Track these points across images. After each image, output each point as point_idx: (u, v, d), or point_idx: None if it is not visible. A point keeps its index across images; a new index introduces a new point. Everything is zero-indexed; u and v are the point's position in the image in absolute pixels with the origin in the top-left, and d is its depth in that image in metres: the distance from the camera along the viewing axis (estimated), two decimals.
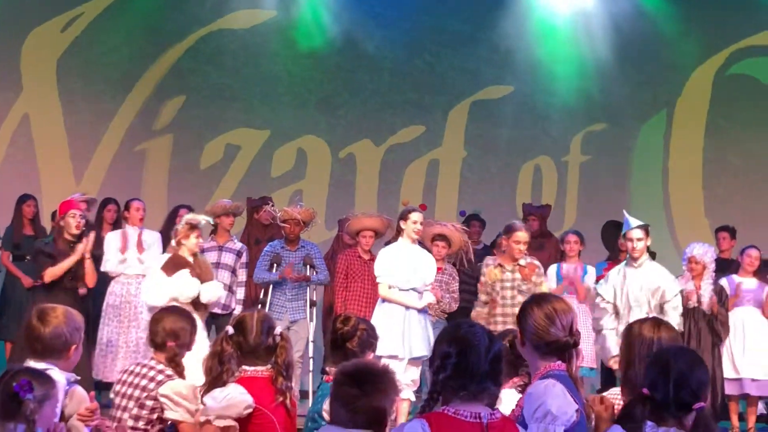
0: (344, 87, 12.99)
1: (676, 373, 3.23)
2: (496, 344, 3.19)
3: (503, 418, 3.16)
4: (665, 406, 3.24)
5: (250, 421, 4.07)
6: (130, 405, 4.32)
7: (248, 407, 4.04)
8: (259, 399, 4.07)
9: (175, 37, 12.74)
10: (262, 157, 12.77)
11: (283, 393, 4.08)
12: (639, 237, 7.64)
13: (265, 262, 8.99)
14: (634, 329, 3.78)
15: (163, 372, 4.38)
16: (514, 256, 7.94)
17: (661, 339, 3.71)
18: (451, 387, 3.12)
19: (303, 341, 8.89)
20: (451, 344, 3.16)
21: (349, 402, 3.26)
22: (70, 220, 8.02)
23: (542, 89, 12.98)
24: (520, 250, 7.94)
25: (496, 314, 7.85)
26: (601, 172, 12.83)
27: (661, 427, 3.22)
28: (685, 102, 12.88)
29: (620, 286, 7.66)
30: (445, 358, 3.13)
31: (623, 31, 12.78)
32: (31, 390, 3.33)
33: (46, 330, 3.96)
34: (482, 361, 3.11)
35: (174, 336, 4.49)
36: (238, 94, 12.83)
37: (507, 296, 7.88)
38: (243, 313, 4.31)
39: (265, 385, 4.11)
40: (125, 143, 12.47)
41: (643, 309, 7.40)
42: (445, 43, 13.05)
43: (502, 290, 7.90)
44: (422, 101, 13.00)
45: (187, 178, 12.44)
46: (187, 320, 4.63)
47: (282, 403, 4.09)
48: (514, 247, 7.91)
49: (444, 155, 13.01)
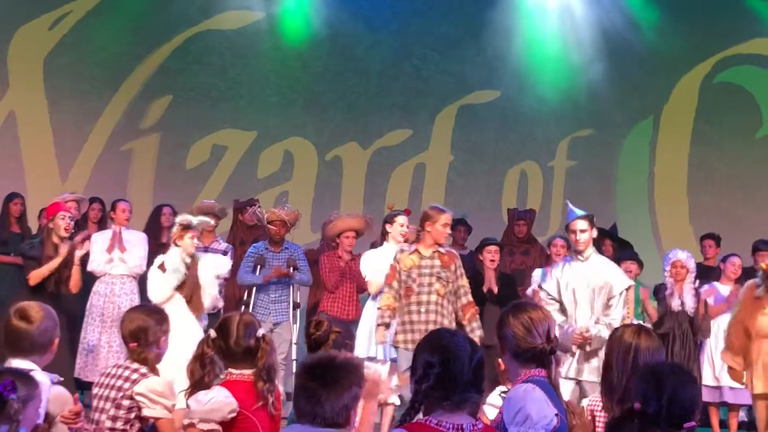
0: (332, 89, 12.99)
1: (669, 390, 3.23)
2: (478, 352, 3.17)
3: (486, 428, 3.13)
4: (656, 422, 3.24)
5: (233, 425, 4.07)
6: (107, 406, 4.31)
7: (232, 411, 4.04)
8: (243, 402, 4.07)
9: (162, 36, 12.73)
10: (249, 158, 12.77)
11: (263, 397, 4.08)
12: (583, 228, 7.07)
13: (248, 263, 8.99)
14: (616, 334, 3.80)
15: (137, 371, 4.37)
16: (440, 240, 7.54)
17: (640, 345, 3.73)
18: (434, 397, 3.09)
19: (286, 343, 8.89)
20: (433, 353, 3.13)
21: (310, 396, 3.26)
22: (60, 221, 7.99)
23: (529, 94, 13.00)
24: (447, 234, 7.68)
25: (411, 302, 7.43)
26: (587, 178, 12.86)
27: None
28: (672, 109, 12.93)
29: (565, 281, 7.10)
30: (428, 368, 3.10)
31: (611, 38, 12.82)
32: (14, 390, 3.31)
33: (32, 327, 4.00)
34: (465, 370, 3.08)
35: (133, 337, 4.46)
36: (225, 95, 12.83)
37: (424, 283, 7.44)
38: (226, 316, 4.30)
39: (249, 389, 4.11)
40: (112, 142, 12.45)
41: (590, 306, 7.00)
42: (433, 46, 13.07)
43: (420, 277, 7.45)
44: (409, 105, 13.01)
45: (173, 178, 12.43)
46: (148, 318, 4.50)
47: (264, 406, 4.09)
48: (441, 230, 7.48)
49: (430, 159, 13.02)
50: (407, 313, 7.45)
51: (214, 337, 4.17)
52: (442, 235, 7.50)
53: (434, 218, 7.44)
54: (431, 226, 7.43)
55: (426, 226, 7.46)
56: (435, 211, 7.53)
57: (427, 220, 7.47)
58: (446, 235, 7.59)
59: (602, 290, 7.03)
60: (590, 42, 12.89)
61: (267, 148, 12.81)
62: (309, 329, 4.64)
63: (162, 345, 4.53)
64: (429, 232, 7.46)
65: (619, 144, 13.01)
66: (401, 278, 7.51)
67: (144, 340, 4.44)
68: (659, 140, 12.95)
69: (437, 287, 7.42)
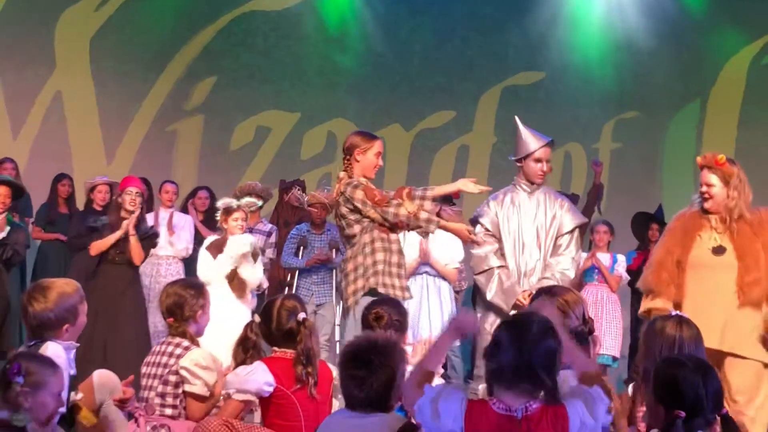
0: (374, 71, 12.97)
1: (711, 383, 3.22)
2: (549, 339, 3.11)
3: (543, 408, 3.04)
4: (695, 421, 3.21)
5: (271, 400, 4.12)
6: (154, 384, 4.36)
7: (268, 384, 4.08)
8: (282, 380, 4.11)
9: (206, 18, 12.77)
10: (293, 139, 12.79)
11: (300, 380, 4.10)
12: (549, 158, 6.41)
13: (291, 245, 9.03)
14: (656, 326, 3.77)
15: (180, 345, 4.40)
16: (370, 174, 5.92)
17: (684, 337, 3.70)
18: (498, 378, 3.07)
19: (329, 325, 8.92)
20: (503, 333, 3.11)
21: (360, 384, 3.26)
22: (126, 197, 8.08)
23: (573, 76, 12.90)
24: (379, 165, 5.98)
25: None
26: (632, 160, 12.75)
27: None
28: (719, 92, 12.76)
29: (505, 216, 6.34)
30: (496, 346, 3.09)
31: (657, 19, 12.67)
32: (19, 374, 3.27)
33: (37, 308, 3.97)
34: (529, 357, 3.04)
35: (170, 312, 4.48)
36: (268, 76, 12.85)
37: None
38: (270, 300, 4.34)
39: (289, 367, 4.15)
40: (156, 124, 12.53)
41: (537, 248, 6.30)
42: (476, 28, 12.99)
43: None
44: (452, 86, 12.95)
45: (217, 160, 12.49)
46: (183, 293, 4.50)
47: (302, 388, 4.12)
48: (372, 160, 5.87)
49: (474, 141, 12.97)
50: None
51: (258, 322, 4.22)
52: (373, 165, 5.91)
53: (364, 145, 5.89)
54: (362, 154, 5.86)
55: (356, 154, 5.85)
56: (364, 136, 5.97)
57: (356, 147, 5.87)
58: (377, 166, 5.94)
59: (550, 229, 6.36)
60: (636, 23, 12.74)
61: (310, 129, 12.83)
62: (369, 321, 4.63)
63: (200, 319, 4.52)
64: (358, 162, 5.86)
65: (665, 127, 12.87)
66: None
67: (180, 315, 4.46)
68: (706, 123, 12.80)
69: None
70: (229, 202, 7.76)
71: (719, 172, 5.46)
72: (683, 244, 5.38)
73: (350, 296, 5.66)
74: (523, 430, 2.99)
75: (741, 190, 5.44)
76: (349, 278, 5.72)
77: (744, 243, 5.28)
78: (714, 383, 3.24)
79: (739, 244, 5.28)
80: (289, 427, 4.12)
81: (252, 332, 4.23)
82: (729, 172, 5.45)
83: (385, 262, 5.69)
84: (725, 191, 5.43)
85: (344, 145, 5.93)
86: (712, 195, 5.44)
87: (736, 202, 5.39)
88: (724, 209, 5.41)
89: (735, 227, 5.34)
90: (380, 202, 5.71)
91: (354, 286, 5.67)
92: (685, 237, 5.41)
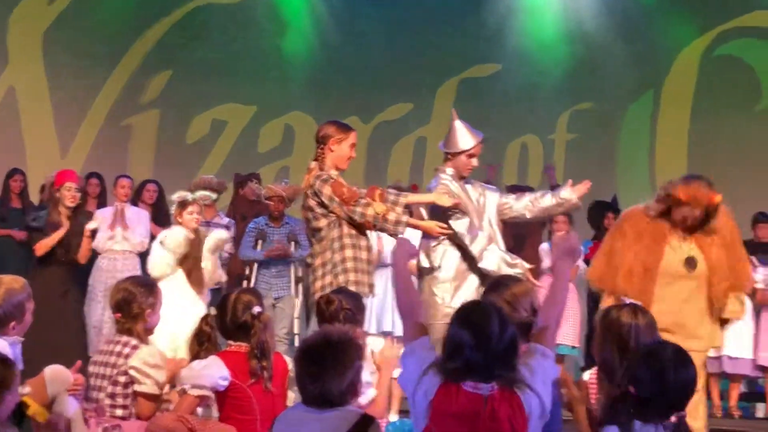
0: (332, 64, 12.96)
1: (668, 376, 3.28)
2: (509, 328, 3.18)
3: (502, 390, 3.13)
4: (648, 406, 3.28)
5: (227, 395, 4.12)
6: (104, 384, 4.32)
7: (223, 378, 4.07)
8: (237, 374, 4.12)
9: (162, 11, 12.69)
10: (249, 132, 12.76)
11: (255, 374, 4.11)
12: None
13: (249, 238, 9.00)
14: (611, 316, 3.81)
15: (128, 344, 4.36)
16: (343, 165, 5.86)
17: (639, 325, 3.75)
18: (462, 373, 3.14)
19: (288, 318, 8.90)
20: (463, 330, 3.16)
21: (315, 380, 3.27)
22: (65, 193, 8.01)
23: (530, 68, 12.97)
24: (353, 157, 5.92)
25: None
26: (588, 151, 12.85)
27: (649, 425, 3.26)
28: (672, 83, 12.89)
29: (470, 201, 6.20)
30: (457, 347, 3.14)
31: (612, 11, 12.77)
32: None
33: None
34: (496, 357, 3.12)
35: (118, 308, 4.44)
36: (225, 70, 12.79)
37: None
38: (226, 293, 4.34)
39: (244, 361, 4.15)
40: (111, 118, 12.45)
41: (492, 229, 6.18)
42: (434, 20, 13.01)
43: None
44: (410, 79, 12.97)
45: (173, 154, 12.44)
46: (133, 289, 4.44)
47: (257, 382, 4.13)
48: (347, 152, 5.80)
49: (432, 133, 13.00)
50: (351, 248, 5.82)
51: (213, 315, 4.22)
52: (347, 156, 5.82)
53: (339, 135, 5.77)
54: (336, 144, 5.76)
55: (331, 144, 5.75)
56: (339, 126, 5.85)
57: (331, 137, 5.76)
58: (351, 158, 5.83)
59: (485, 211, 6.26)
60: (590, 15, 12.84)
61: (267, 122, 12.81)
62: (320, 306, 4.65)
63: (149, 318, 4.45)
64: (332, 152, 5.77)
65: (620, 117, 12.99)
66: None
67: (128, 312, 4.40)
68: (660, 114, 12.93)
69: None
70: (183, 195, 7.71)
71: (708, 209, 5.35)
72: (653, 251, 5.29)
73: (318, 291, 5.57)
74: (487, 409, 3.08)
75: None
76: (317, 273, 5.68)
77: (713, 253, 5.31)
78: (687, 378, 3.32)
79: (708, 255, 5.31)
80: (245, 421, 4.13)
81: (207, 325, 4.23)
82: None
83: (355, 259, 5.66)
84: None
85: (318, 134, 5.83)
86: (692, 225, 5.35)
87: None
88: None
89: (703, 239, 5.36)
90: (348, 200, 5.62)
91: (322, 281, 5.63)
92: (654, 245, 5.32)
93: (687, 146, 12.71)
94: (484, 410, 3.08)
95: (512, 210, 6.37)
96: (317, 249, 5.72)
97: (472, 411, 3.09)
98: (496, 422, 3.08)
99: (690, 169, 12.59)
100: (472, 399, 3.09)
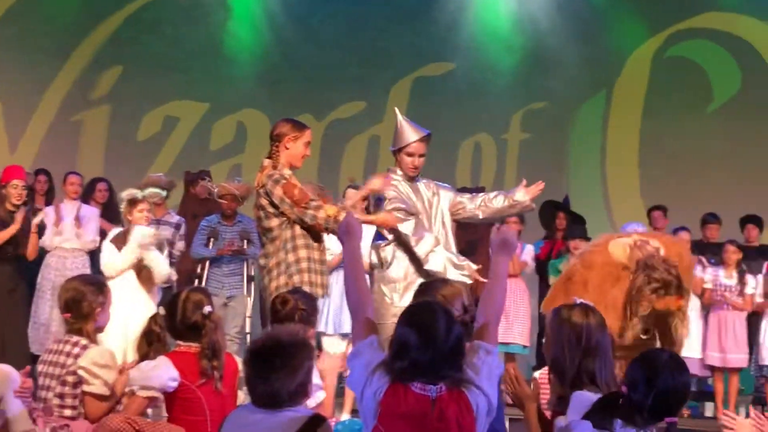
0: (286, 61, 12.91)
1: (661, 382, 3.29)
2: (455, 328, 3.17)
3: (450, 391, 3.12)
4: (639, 409, 3.28)
5: (176, 396, 4.08)
6: (53, 384, 4.27)
7: (173, 380, 4.03)
8: (186, 374, 4.07)
9: (114, 5, 12.58)
10: (201, 130, 12.68)
11: (205, 374, 4.07)
12: (423, 153, 6.31)
13: (201, 236, 8.94)
14: (563, 315, 3.82)
15: (78, 344, 4.31)
16: (297, 163, 5.78)
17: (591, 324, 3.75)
18: (409, 376, 3.12)
19: (241, 317, 8.86)
20: (410, 330, 3.14)
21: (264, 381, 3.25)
22: (12, 190, 7.92)
23: (483, 67, 13.01)
24: (307, 156, 5.87)
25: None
26: (540, 151, 12.91)
27: (629, 428, 3.26)
28: (624, 83, 12.99)
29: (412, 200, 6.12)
30: (403, 347, 3.13)
31: (565, 11, 12.84)
32: None
33: None
34: (442, 356, 3.11)
35: (67, 308, 4.40)
36: (177, 66, 12.69)
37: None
38: (175, 293, 4.30)
39: (194, 362, 4.11)
40: (61, 113, 12.32)
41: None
42: (389, 18, 13.01)
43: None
44: (364, 77, 12.96)
45: (124, 150, 12.32)
46: (83, 288, 4.41)
47: (208, 382, 4.09)
48: (302, 150, 5.74)
49: (385, 132, 12.98)
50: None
51: (162, 315, 4.17)
52: (301, 155, 5.74)
53: (294, 134, 5.71)
54: (292, 142, 5.69)
55: (287, 142, 5.67)
56: (294, 124, 5.78)
57: (286, 135, 5.69)
58: (305, 156, 5.78)
59: (437, 212, 6.21)
60: (544, 15, 12.90)
61: (220, 119, 12.72)
62: (275, 306, 4.62)
63: (99, 317, 4.42)
64: (287, 150, 5.70)
65: (573, 117, 13.06)
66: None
67: (78, 311, 4.36)
68: (611, 114, 13.02)
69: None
70: (133, 193, 7.64)
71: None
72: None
73: (273, 292, 5.50)
74: (435, 411, 3.07)
75: None
76: (272, 274, 5.62)
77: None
78: (681, 385, 3.33)
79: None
80: (195, 422, 4.09)
81: (156, 324, 4.18)
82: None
83: (309, 260, 5.62)
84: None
85: (272, 131, 5.77)
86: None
87: None
88: None
89: None
90: (299, 202, 5.55)
91: (277, 282, 5.57)
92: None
93: (638, 146, 12.82)
94: (432, 411, 3.07)
95: (465, 210, 6.37)
96: (270, 249, 5.67)
97: (420, 412, 3.08)
98: (444, 422, 3.08)
99: (641, 168, 12.74)
100: (420, 400, 3.08)
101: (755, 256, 9.46)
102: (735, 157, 12.22)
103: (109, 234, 7.77)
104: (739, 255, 8.92)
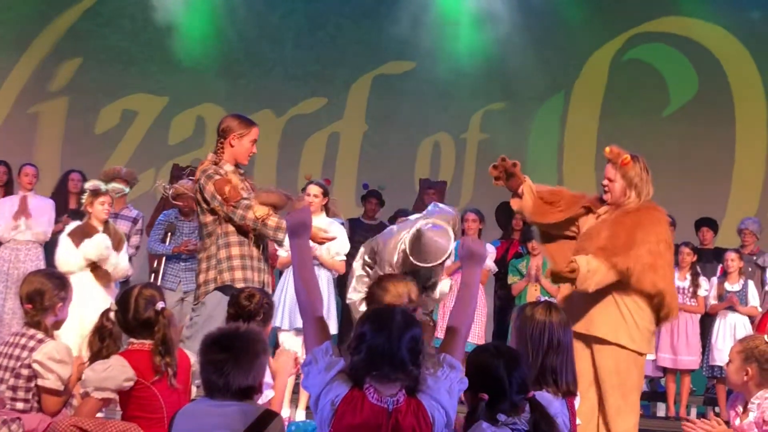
0: (246, 56, 12.88)
1: (501, 376, 3.33)
2: (414, 328, 3.16)
3: (407, 400, 3.11)
4: (497, 407, 3.31)
5: (131, 394, 4.05)
6: (6, 376, 4.26)
7: (128, 380, 4.01)
8: (141, 372, 4.05)
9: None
10: (160, 123, 12.61)
11: (159, 371, 4.05)
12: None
13: (158, 232, 8.88)
14: (526, 313, 3.87)
15: (34, 337, 4.30)
16: (243, 160, 5.79)
17: (553, 322, 3.81)
18: (365, 369, 3.11)
19: None
20: (367, 323, 3.15)
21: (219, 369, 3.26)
22: None
23: (444, 66, 13.03)
24: (254, 153, 5.86)
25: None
26: (499, 151, 12.80)
27: (493, 427, 3.28)
28: (582, 85, 13.09)
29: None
30: (360, 338, 3.12)
31: (525, 13, 12.90)
32: None
33: None
34: (396, 346, 3.09)
35: (29, 299, 4.39)
36: (136, 59, 12.62)
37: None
38: (127, 288, 4.28)
39: (147, 358, 4.09)
40: (18, 105, 12.22)
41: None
42: (349, 15, 13.02)
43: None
44: (324, 73, 12.96)
45: (82, 143, 12.23)
46: (47, 282, 4.43)
47: (162, 378, 4.07)
48: (248, 147, 5.74)
49: (345, 129, 13.01)
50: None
51: (115, 311, 4.14)
52: (247, 152, 5.72)
53: (240, 130, 5.69)
54: (237, 139, 5.66)
55: (232, 138, 5.65)
56: (241, 121, 5.76)
57: (231, 132, 5.66)
58: (251, 154, 5.75)
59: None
60: (504, 16, 12.94)
61: (179, 114, 12.66)
62: (241, 300, 4.61)
63: (59, 312, 4.44)
64: (232, 147, 5.67)
65: (531, 118, 13.14)
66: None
67: (39, 304, 4.37)
68: (569, 115, 13.12)
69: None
70: (98, 184, 7.58)
71: (622, 170, 5.58)
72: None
73: (201, 285, 5.55)
74: (392, 422, 3.06)
75: (641, 190, 5.64)
76: (201, 266, 5.61)
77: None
78: (518, 368, 3.37)
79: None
80: (151, 419, 4.05)
81: (108, 321, 4.15)
82: (632, 173, 5.60)
83: (243, 257, 5.57)
84: (624, 189, 5.59)
85: (219, 126, 5.73)
86: (611, 189, 5.61)
87: (631, 203, 5.57)
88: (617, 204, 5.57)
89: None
90: (228, 200, 5.49)
91: (205, 275, 5.56)
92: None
93: (595, 148, 12.89)
94: (388, 423, 3.06)
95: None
96: (207, 243, 5.65)
97: (374, 423, 3.06)
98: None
99: (597, 171, 12.83)
100: (376, 411, 3.06)
101: (710, 258, 9.59)
102: (690, 160, 12.36)
103: (66, 228, 7.71)
104: (693, 257, 9.02)
